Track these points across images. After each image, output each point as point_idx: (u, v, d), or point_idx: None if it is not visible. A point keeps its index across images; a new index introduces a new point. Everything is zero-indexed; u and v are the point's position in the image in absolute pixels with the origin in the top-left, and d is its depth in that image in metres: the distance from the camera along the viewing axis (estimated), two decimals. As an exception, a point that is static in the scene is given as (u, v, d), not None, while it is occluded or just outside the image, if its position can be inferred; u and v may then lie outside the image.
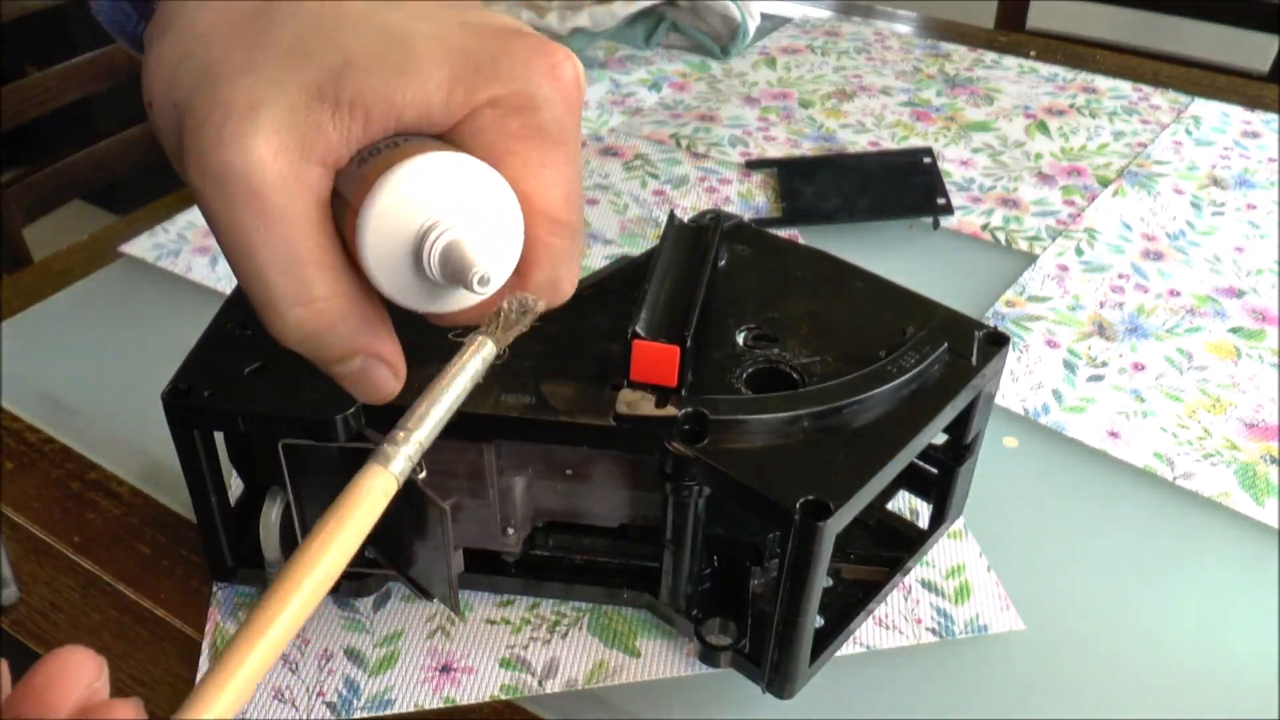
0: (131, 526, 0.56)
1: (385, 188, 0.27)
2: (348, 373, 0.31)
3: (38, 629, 0.51)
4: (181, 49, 0.27)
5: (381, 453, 0.28)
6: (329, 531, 0.27)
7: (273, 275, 0.27)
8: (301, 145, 0.27)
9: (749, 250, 0.53)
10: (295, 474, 0.45)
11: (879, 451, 0.43)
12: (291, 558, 0.27)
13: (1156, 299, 0.72)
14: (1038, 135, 0.92)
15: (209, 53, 0.27)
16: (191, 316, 0.52)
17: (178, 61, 0.27)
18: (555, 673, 0.49)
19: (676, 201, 0.83)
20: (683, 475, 0.43)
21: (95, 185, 1.13)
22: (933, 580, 0.53)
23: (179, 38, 0.27)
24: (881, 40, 1.11)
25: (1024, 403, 0.63)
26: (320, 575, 0.26)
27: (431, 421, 0.29)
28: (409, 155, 0.27)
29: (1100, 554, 0.54)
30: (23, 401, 0.64)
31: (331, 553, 0.26)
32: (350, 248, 0.28)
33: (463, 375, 0.29)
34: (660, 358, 0.44)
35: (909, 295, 0.51)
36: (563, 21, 1.03)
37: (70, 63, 1.05)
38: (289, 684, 0.48)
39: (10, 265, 1.03)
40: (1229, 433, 0.61)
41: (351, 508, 0.27)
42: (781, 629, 0.44)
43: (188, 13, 0.28)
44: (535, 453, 0.47)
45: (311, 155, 0.27)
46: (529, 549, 0.51)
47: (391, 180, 0.27)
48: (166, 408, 0.46)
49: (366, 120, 0.27)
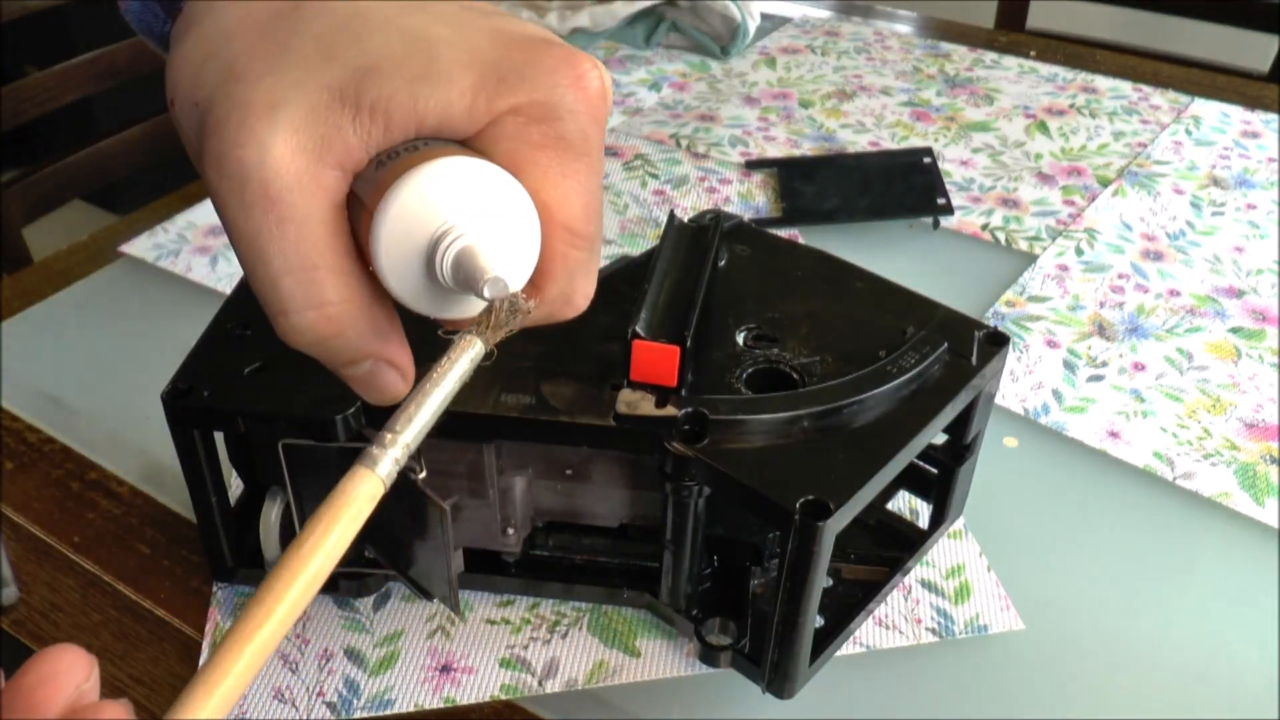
0: (131, 526, 0.56)
1: (402, 191, 0.27)
2: (357, 375, 0.31)
3: (38, 629, 0.51)
4: (206, 48, 0.27)
5: (368, 455, 0.28)
6: (317, 535, 0.27)
7: (284, 278, 0.27)
8: (319, 147, 0.26)
9: (749, 250, 0.53)
10: (295, 474, 0.45)
11: (879, 451, 0.43)
12: (279, 561, 0.27)
13: (1156, 299, 0.72)
14: (1038, 135, 0.92)
15: (232, 52, 0.27)
16: (191, 316, 0.53)
17: (201, 60, 0.27)
18: (555, 673, 0.49)
19: (676, 201, 0.83)
20: (683, 475, 0.43)
21: (95, 185, 1.13)
22: (933, 580, 0.53)
23: (204, 36, 0.27)
24: (881, 40, 1.11)
25: (1024, 403, 0.63)
26: (308, 579, 0.26)
27: (419, 424, 0.28)
28: (427, 159, 0.27)
29: (1100, 554, 0.54)
30: (23, 401, 0.64)
31: (319, 557, 0.26)
32: (364, 251, 0.28)
33: (451, 375, 0.28)
34: (660, 358, 0.44)
35: (909, 295, 0.51)
36: (563, 21, 1.03)
37: (70, 63, 1.05)
38: (289, 684, 0.48)
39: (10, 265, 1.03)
40: (1229, 433, 0.61)
41: (338, 511, 0.27)
42: (781, 629, 0.44)
43: (214, 12, 0.27)
44: (535, 453, 0.47)
45: (329, 157, 0.27)
46: (529, 549, 0.51)
47: (408, 184, 0.27)
48: (166, 408, 0.46)
49: (387, 125, 0.27)
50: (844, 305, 0.50)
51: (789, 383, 0.46)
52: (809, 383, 0.45)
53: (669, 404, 0.44)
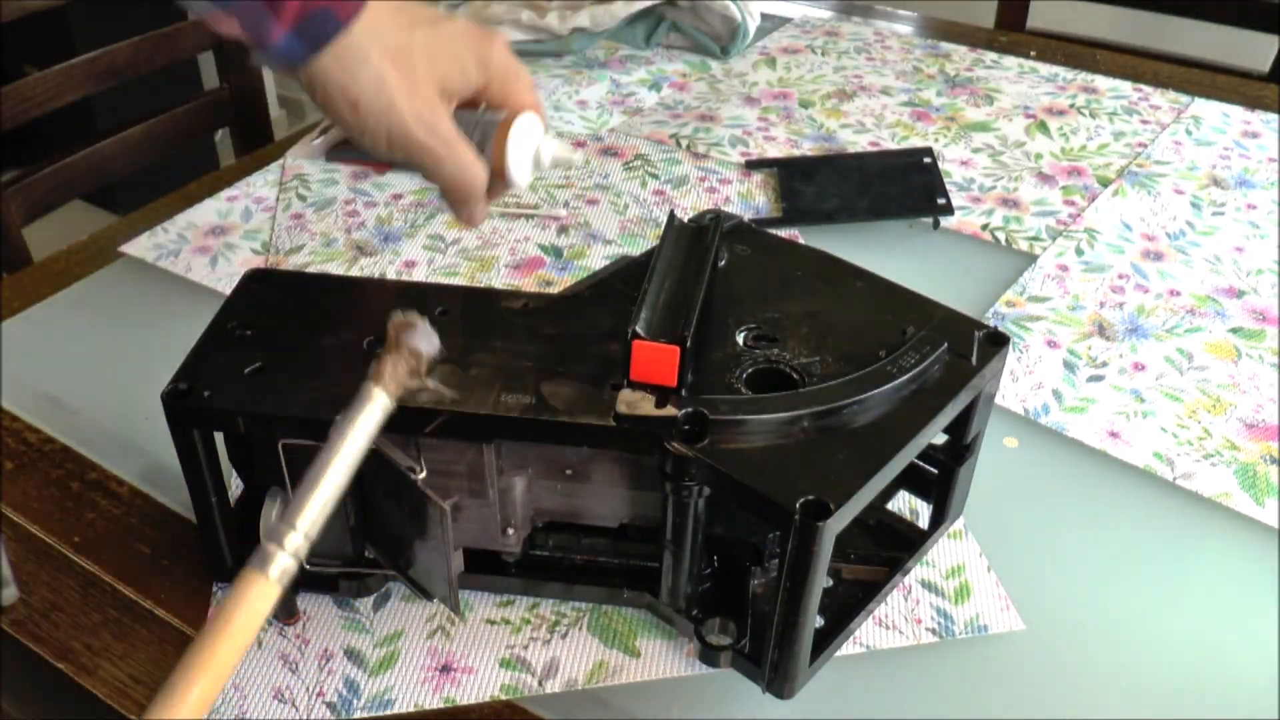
0: (131, 526, 0.56)
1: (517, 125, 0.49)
2: (474, 212, 0.50)
3: (38, 629, 0.51)
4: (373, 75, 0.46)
5: (262, 555, 0.30)
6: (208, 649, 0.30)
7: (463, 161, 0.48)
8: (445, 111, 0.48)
9: (749, 250, 0.53)
10: (295, 474, 0.45)
11: (879, 452, 0.43)
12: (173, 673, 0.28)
13: (1156, 299, 0.72)
14: (1038, 135, 0.92)
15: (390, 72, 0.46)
16: (191, 316, 0.53)
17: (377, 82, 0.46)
18: (555, 673, 0.49)
19: (676, 201, 0.83)
20: (683, 475, 0.43)
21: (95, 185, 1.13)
22: (933, 580, 0.53)
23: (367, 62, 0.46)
24: (881, 40, 1.11)
25: (1024, 403, 0.63)
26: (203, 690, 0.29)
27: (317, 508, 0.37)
28: (515, 114, 0.49)
29: (1100, 554, 0.54)
30: (23, 401, 0.64)
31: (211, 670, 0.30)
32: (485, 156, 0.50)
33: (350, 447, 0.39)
34: (660, 358, 0.44)
35: (909, 295, 0.51)
36: (563, 21, 1.03)
37: (70, 63, 1.05)
38: (289, 684, 0.48)
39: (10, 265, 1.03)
40: (1229, 433, 0.61)
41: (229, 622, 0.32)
42: (782, 629, 0.44)
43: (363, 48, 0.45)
44: (535, 453, 0.47)
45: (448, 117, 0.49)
46: (529, 549, 0.51)
47: (520, 121, 0.49)
48: (166, 407, 0.46)
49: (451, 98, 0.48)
50: (844, 305, 0.50)
51: (789, 383, 0.46)
52: (809, 383, 0.45)
53: (669, 404, 0.44)
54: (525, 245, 0.77)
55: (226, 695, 0.48)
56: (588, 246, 0.77)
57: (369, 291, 0.54)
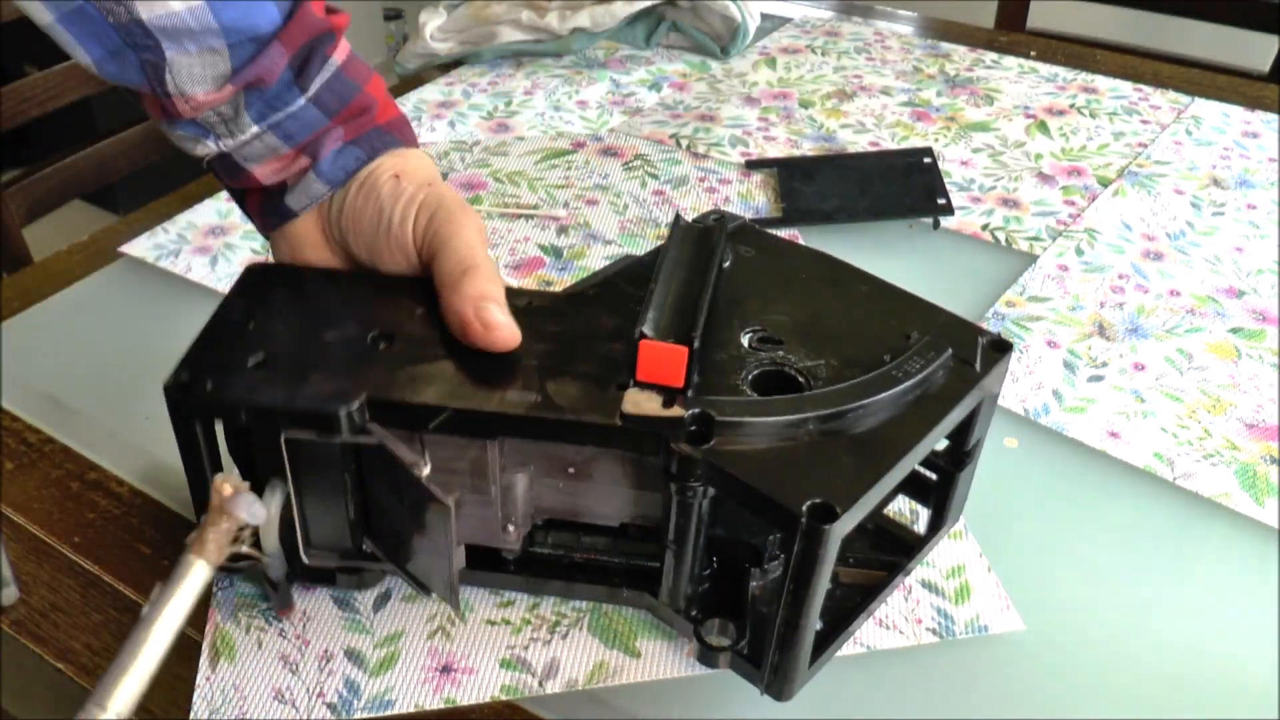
0: (131, 526, 0.56)
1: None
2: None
3: (38, 629, 0.51)
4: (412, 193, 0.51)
5: None
6: None
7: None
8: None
9: (753, 251, 0.53)
10: (297, 468, 0.45)
11: (885, 456, 0.42)
12: None
13: (1156, 299, 0.72)
14: (1038, 135, 0.92)
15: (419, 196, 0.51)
16: (191, 316, 0.52)
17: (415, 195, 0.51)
18: (555, 673, 0.49)
19: (676, 201, 0.83)
20: (688, 476, 0.43)
21: (95, 185, 1.13)
22: (933, 580, 0.53)
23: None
24: (881, 40, 1.11)
25: (1024, 403, 0.63)
26: None
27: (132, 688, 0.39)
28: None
29: (1100, 554, 0.54)
30: (23, 401, 0.64)
31: None
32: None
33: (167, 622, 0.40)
34: (668, 358, 0.44)
35: (912, 299, 0.50)
36: (563, 21, 1.03)
37: (70, 63, 1.05)
38: (289, 684, 0.48)
39: (10, 265, 1.03)
40: (1229, 433, 0.61)
41: None
42: (783, 631, 0.44)
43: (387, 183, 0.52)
44: (538, 451, 0.47)
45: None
46: (528, 546, 0.51)
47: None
48: (169, 398, 0.45)
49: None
50: (847, 309, 0.50)
51: (794, 385, 0.46)
52: (814, 386, 0.45)
53: (675, 405, 0.44)
54: (525, 245, 0.77)
55: (226, 695, 0.48)
56: (587, 247, 0.77)
57: (371, 285, 0.54)
